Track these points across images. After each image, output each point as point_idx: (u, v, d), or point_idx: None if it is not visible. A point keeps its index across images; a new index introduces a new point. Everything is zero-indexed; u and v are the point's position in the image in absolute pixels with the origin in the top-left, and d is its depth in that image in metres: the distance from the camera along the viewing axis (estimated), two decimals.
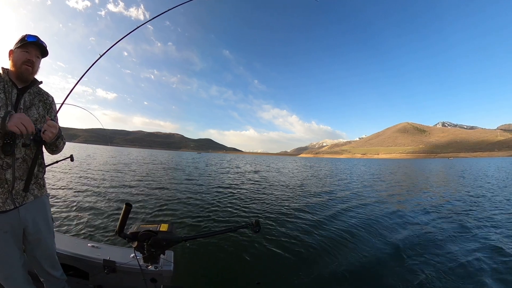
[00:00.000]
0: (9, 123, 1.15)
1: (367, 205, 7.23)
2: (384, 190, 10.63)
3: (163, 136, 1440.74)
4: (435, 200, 8.32)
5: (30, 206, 1.45)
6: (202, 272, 3.17)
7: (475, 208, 6.87)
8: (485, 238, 4.49)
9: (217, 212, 5.93)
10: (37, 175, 1.50)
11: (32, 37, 1.39)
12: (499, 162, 54.02)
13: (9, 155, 1.30)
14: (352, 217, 5.86)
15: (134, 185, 9.16)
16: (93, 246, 2.00)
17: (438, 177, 17.28)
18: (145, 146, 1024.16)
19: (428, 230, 4.94)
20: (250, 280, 3.06)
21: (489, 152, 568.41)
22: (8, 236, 1.35)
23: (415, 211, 6.54)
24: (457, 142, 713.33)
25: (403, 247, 4.03)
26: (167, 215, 5.55)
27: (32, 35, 1.40)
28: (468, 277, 3.14)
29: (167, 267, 1.73)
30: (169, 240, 1.20)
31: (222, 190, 9.16)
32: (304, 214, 6.04)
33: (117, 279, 1.85)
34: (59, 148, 1.55)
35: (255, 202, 7.27)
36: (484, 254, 3.80)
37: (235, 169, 21.26)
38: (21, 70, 1.37)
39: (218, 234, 1.36)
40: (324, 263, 3.50)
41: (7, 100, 1.33)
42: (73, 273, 1.92)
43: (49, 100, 1.59)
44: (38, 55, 1.44)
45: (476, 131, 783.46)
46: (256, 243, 4.01)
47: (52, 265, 1.62)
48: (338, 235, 4.60)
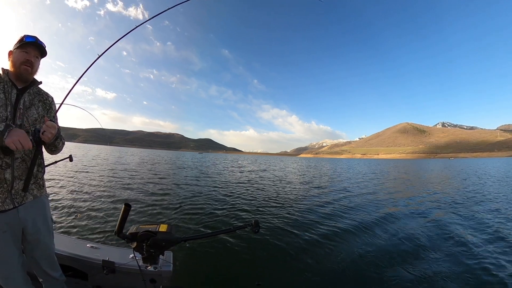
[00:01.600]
0: (6, 139, 1.15)
1: (371, 205, 7.22)
2: (389, 190, 10.63)
3: (163, 136, 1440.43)
4: (447, 200, 8.33)
5: (29, 206, 1.44)
6: (202, 273, 3.16)
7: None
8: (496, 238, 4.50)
9: (218, 212, 5.93)
10: (37, 175, 1.50)
11: (31, 37, 1.39)
12: (501, 163, 53.92)
13: (8, 155, 1.30)
14: (355, 217, 5.85)
15: (133, 185, 9.15)
16: (92, 247, 1.99)
17: (446, 177, 17.25)
18: (145, 146, 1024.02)
19: (444, 230, 4.94)
20: (250, 281, 3.05)
21: (489, 152, 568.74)
22: (7, 236, 1.35)
23: (426, 211, 6.54)
24: (457, 143, 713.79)
25: (408, 247, 4.04)
26: (166, 215, 5.54)
27: (30, 36, 1.40)
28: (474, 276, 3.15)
29: (166, 268, 1.73)
30: (168, 241, 1.20)
31: (223, 190, 9.16)
32: (305, 214, 6.03)
33: (116, 280, 1.84)
34: (58, 148, 1.55)
35: (258, 201, 7.27)
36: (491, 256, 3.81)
37: (241, 169, 21.28)
38: (20, 71, 1.37)
39: (217, 234, 1.36)
40: (325, 263, 3.49)
41: (7, 100, 1.33)
42: (72, 273, 1.92)
43: (49, 100, 1.59)
44: (37, 55, 1.44)
45: (476, 131, 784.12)
46: (256, 243, 4.00)
47: (51, 266, 1.61)
48: (340, 235, 4.59)
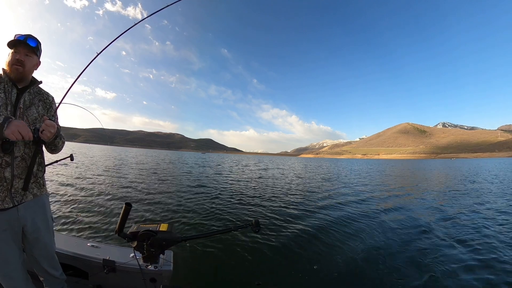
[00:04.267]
0: (6, 130, 1.16)
1: (376, 206, 7.21)
2: (393, 191, 10.63)
3: (164, 136, 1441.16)
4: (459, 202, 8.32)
5: (29, 205, 1.44)
6: (202, 272, 3.16)
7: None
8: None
9: (219, 212, 5.93)
10: (37, 174, 1.50)
11: (21, 36, 1.39)
12: (503, 163, 53.86)
13: (8, 153, 1.30)
14: (358, 217, 5.84)
15: (135, 185, 9.16)
16: (92, 246, 2.00)
17: (451, 177, 17.25)
18: (145, 146, 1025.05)
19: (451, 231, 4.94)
20: (250, 280, 3.05)
21: (489, 152, 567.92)
22: (7, 234, 1.35)
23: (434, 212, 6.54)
24: (457, 143, 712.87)
25: (413, 246, 4.04)
26: (167, 215, 5.54)
27: (21, 35, 1.39)
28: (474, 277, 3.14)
29: (167, 267, 1.73)
30: (168, 240, 1.21)
31: (224, 190, 9.16)
32: (306, 214, 6.03)
33: (116, 279, 1.84)
34: (58, 147, 1.55)
35: (260, 201, 7.27)
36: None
37: (246, 168, 21.31)
38: (12, 70, 1.37)
39: (217, 234, 1.36)
40: (326, 264, 3.48)
41: (7, 100, 1.33)
42: (73, 272, 1.92)
43: (49, 100, 1.59)
44: (28, 54, 1.41)
45: (476, 131, 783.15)
46: (257, 243, 4.00)
47: (51, 265, 1.62)
48: (341, 235, 4.59)
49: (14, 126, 1.17)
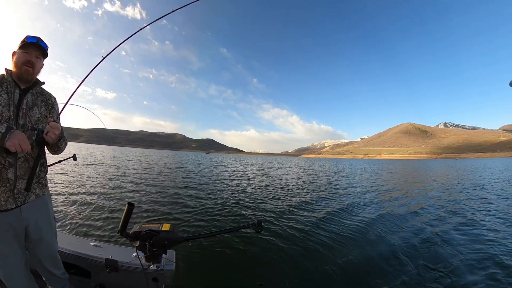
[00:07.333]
0: (8, 142, 1.17)
1: (380, 206, 7.20)
2: (396, 191, 10.60)
3: (165, 136, 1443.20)
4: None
5: (32, 206, 1.45)
6: (204, 272, 3.16)
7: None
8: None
9: (221, 212, 5.93)
10: (39, 175, 1.50)
11: (32, 38, 1.40)
12: (507, 163, 53.50)
13: (11, 154, 1.30)
14: (360, 217, 5.82)
15: (137, 185, 9.18)
16: (95, 245, 2.01)
17: (456, 178, 17.17)
18: (146, 146, 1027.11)
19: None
20: (252, 280, 3.05)
21: (491, 152, 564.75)
22: (10, 234, 1.36)
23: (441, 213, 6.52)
24: (459, 143, 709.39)
25: (416, 246, 4.02)
26: (169, 215, 5.55)
27: (32, 36, 1.41)
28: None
29: (169, 267, 1.74)
30: (171, 240, 1.21)
31: (226, 189, 9.17)
32: (308, 214, 6.02)
33: (119, 278, 1.85)
34: (61, 148, 1.56)
35: (261, 201, 7.27)
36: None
37: (250, 168, 21.32)
38: (22, 71, 1.38)
39: (220, 234, 1.37)
40: (328, 264, 3.47)
41: (10, 100, 1.34)
42: (75, 271, 1.93)
43: (51, 101, 1.60)
44: (38, 56, 1.44)
45: (478, 131, 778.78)
46: (259, 243, 4.00)
47: (54, 264, 1.62)
48: (343, 235, 4.57)
49: (16, 139, 1.19)
